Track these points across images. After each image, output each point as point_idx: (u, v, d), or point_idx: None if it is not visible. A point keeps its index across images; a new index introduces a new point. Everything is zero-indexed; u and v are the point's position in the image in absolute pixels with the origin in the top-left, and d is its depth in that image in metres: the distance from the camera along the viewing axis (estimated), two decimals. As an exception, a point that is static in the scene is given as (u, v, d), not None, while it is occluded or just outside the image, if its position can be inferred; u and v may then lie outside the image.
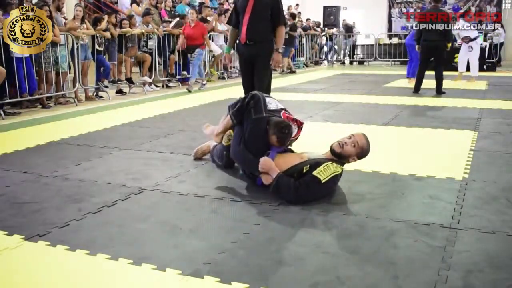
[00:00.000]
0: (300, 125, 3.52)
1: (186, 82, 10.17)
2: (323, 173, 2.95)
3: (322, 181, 2.93)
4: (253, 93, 3.30)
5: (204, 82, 9.45)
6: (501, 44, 16.10)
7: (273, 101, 3.68)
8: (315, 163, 3.03)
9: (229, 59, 5.40)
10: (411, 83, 9.58)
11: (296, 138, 3.68)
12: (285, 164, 3.08)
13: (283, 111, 3.56)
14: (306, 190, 2.92)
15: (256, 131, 3.20)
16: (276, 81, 10.96)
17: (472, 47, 10.38)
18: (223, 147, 3.61)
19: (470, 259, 2.21)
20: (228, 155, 3.50)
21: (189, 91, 8.87)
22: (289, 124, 3.28)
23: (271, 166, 3.03)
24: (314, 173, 2.95)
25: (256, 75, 4.85)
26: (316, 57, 16.94)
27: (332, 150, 3.15)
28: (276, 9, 4.70)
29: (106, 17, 8.16)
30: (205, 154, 4.01)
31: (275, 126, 3.19)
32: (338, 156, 3.11)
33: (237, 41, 4.90)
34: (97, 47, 7.89)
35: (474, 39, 10.42)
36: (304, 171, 3.01)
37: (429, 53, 8.24)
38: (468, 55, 10.50)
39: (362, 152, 3.15)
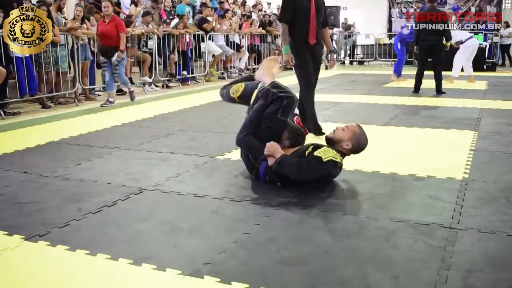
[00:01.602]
0: (305, 133, 3.66)
1: (186, 82, 10.19)
2: (324, 153, 3.08)
3: (324, 160, 3.04)
4: (293, 96, 3.40)
5: (130, 89, 7.46)
6: (508, 45, 15.86)
7: None
8: (317, 146, 3.19)
9: (292, 59, 4.73)
10: (398, 82, 10.09)
11: None
12: (289, 151, 3.25)
13: (296, 116, 3.64)
14: (308, 167, 3.06)
15: (273, 129, 3.30)
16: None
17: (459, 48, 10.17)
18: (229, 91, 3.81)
19: (470, 259, 2.21)
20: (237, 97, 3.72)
21: (102, 106, 7.08)
22: (304, 134, 3.42)
23: (277, 149, 3.16)
24: (315, 153, 3.09)
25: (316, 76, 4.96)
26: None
27: (326, 139, 3.31)
28: (326, 10, 4.84)
29: (92, 17, 8.14)
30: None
31: (291, 132, 3.35)
32: (331, 142, 3.25)
33: (299, 42, 4.75)
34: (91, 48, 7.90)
35: (463, 42, 10.09)
36: (307, 154, 3.14)
37: (427, 53, 8.26)
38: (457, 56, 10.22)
39: (355, 136, 3.22)
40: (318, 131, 4.78)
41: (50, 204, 2.97)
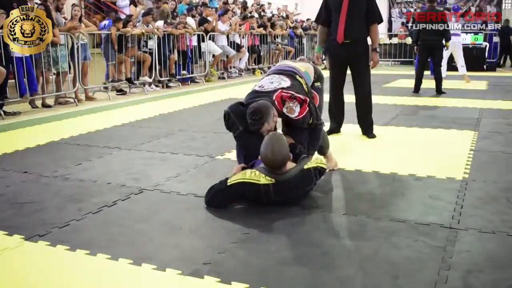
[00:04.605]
0: (300, 101, 3.04)
1: (186, 82, 10.18)
2: (234, 176, 2.89)
3: (228, 184, 2.86)
4: (226, 110, 3.13)
5: None
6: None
7: (275, 80, 3.20)
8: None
9: (320, 58, 4.97)
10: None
11: (303, 116, 3.08)
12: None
13: (280, 90, 3.09)
14: (213, 194, 2.90)
15: (252, 146, 3.09)
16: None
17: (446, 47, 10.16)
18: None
19: (470, 259, 2.21)
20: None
21: None
22: (257, 108, 2.93)
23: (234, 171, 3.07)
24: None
25: (356, 79, 4.81)
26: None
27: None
28: (371, 6, 4.60)
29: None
30: None
31: (246, 117, 2.99)
32: None
33: (329, 41, 4.71)
34: None
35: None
36: None
37: (427, 53, 8.28)
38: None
39: (264, 144, 2.86)
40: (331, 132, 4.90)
41: (50, 204, 2.97)
